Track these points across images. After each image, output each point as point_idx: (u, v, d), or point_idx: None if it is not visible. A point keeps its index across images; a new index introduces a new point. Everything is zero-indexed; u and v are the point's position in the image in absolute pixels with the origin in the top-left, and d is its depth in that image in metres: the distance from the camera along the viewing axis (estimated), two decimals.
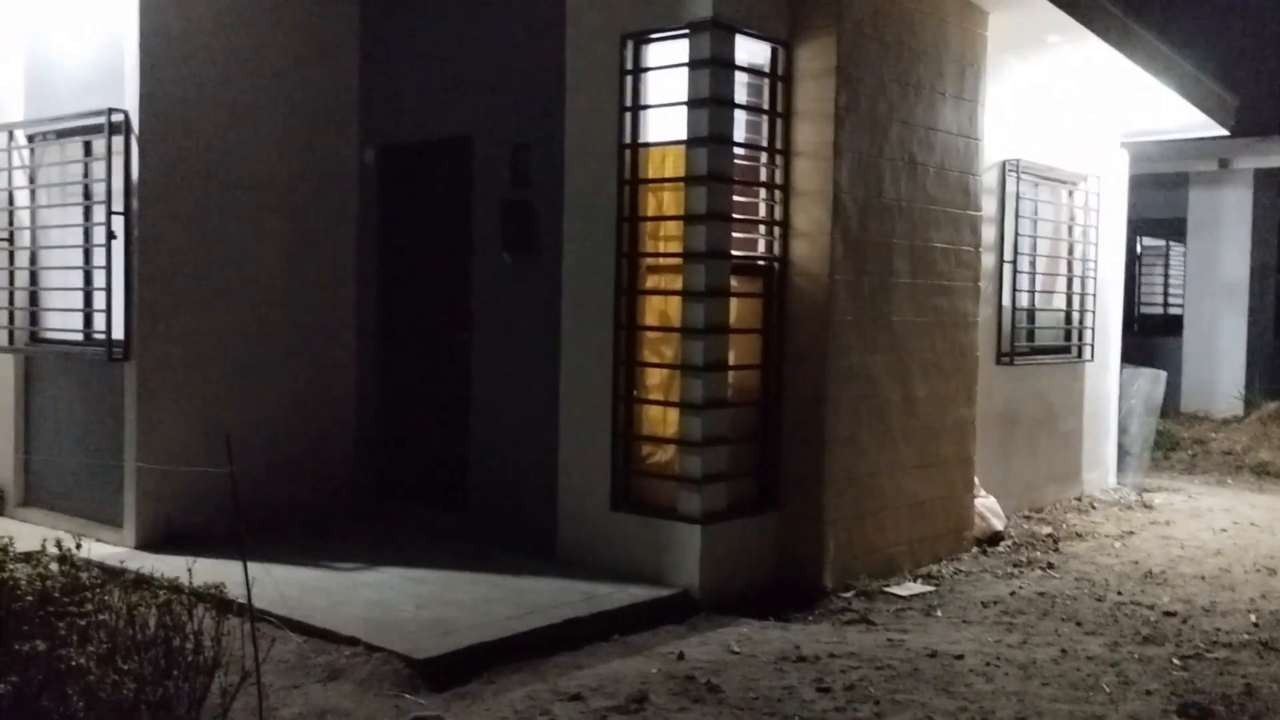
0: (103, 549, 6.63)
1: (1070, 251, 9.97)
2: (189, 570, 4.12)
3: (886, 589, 6.77)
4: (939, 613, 6.37)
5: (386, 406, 8.05)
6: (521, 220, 7.03)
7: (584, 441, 6.76)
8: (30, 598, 4.16)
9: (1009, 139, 8.76)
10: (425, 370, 7.88)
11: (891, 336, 7.12)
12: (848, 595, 6.63)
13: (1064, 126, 9.67)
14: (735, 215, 6.45)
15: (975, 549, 7.87)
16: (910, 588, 6.86)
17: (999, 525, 8.11)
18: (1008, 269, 8.84)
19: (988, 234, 8.36)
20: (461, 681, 4.95)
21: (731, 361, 6.53)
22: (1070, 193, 9.93)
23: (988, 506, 8.10)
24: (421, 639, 5.25)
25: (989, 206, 8.45)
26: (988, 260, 8.41)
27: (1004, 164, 8.74)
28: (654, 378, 6.63)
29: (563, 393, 6.87)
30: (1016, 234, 8.91)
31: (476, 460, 7.37)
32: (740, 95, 6.50)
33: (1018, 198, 8.88)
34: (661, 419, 6.59)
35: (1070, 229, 9.96)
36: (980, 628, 6.08)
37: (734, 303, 6.51)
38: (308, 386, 7.84)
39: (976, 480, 8.02)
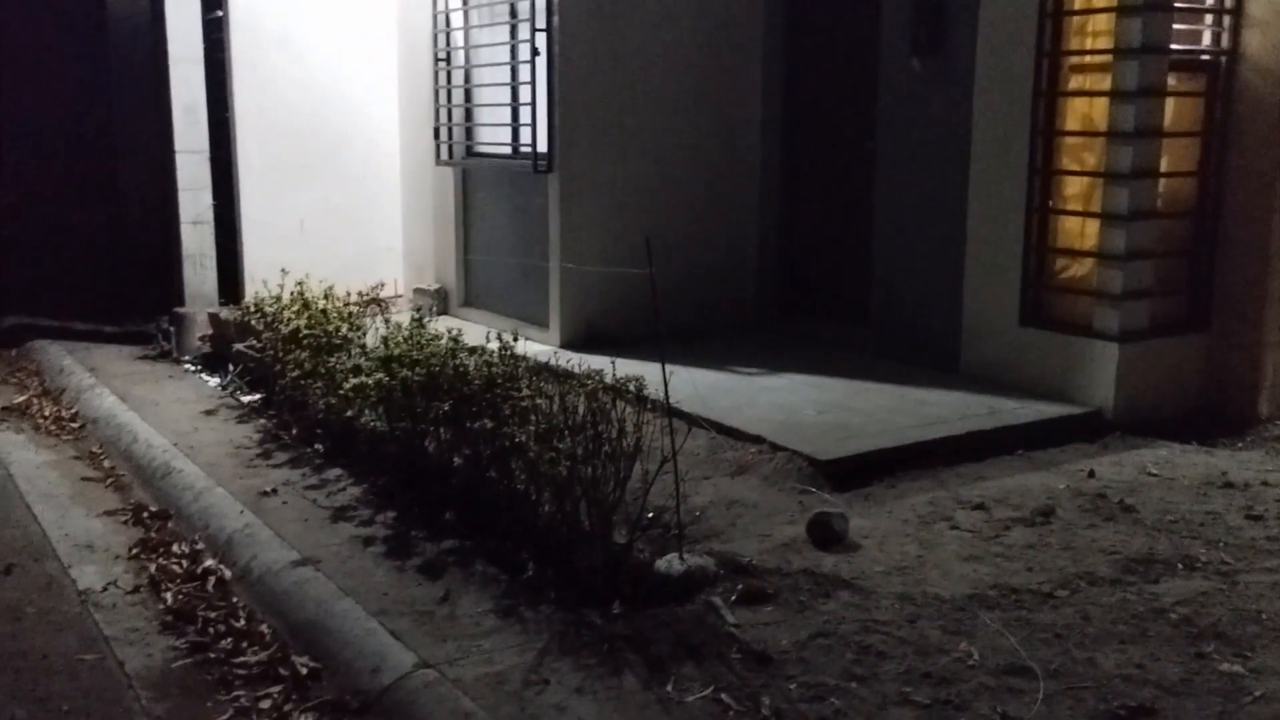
0: (532, 346, 7.19)
1: None
2: (612, 365, 4.42)
3: None
4: None
5: (789, 218, 8.10)
6: (932, 20, 6.69)
7: (992, 254, 6.50)
8: (478, 383, 4.66)
9: None
10: (828, 182, 7.82)
11: None
12: None
13: None
14: (1176, 4, 5.81)
15: None
16: None
17: None
18: None
19: None
20: (862, 484, 5.05)
21: (1163, 168, 6.00)
22: None
23: None
24: (823, 441, 5.38)
25: None
26: None
27: None
28: (1073, 187, 6.22)
29: (971, 203, 6.61)
30: None
31: (879, 272, 7.28)
32: None
33: None
34: (1079, 231, 6.20)
35: None
36: None
37: (1170, 103, 5.93)
38: (714, 198, 8.02)
39: None
